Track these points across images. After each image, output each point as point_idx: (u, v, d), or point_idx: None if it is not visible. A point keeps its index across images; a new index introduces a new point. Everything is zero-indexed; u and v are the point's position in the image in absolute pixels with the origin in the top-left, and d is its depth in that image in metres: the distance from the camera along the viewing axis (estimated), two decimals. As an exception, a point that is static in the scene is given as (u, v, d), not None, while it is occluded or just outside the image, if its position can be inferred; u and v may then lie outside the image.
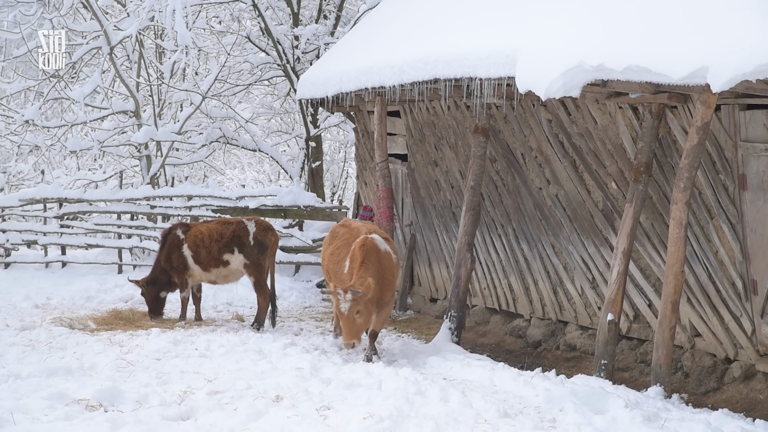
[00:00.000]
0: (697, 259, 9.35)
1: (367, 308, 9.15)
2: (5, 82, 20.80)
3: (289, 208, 16.77)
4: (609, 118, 10.04)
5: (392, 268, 9.67)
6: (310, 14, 20.80)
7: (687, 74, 7.51)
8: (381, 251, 9.59)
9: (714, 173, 8.99)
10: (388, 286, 9.57)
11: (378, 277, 9.35)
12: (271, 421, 6.61)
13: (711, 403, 8.88)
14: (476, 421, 6.77)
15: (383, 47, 12.71)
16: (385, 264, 9.56)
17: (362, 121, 15.31)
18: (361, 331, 9.22)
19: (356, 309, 9.03)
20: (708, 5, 7.92)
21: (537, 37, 9.39)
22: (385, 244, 9.78)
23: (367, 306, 9.15)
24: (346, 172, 27.87)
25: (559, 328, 11.35)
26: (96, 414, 6.72)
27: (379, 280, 9.35)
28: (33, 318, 11.99)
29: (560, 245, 11.12)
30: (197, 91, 18.88)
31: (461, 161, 12.66)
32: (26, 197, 17.72)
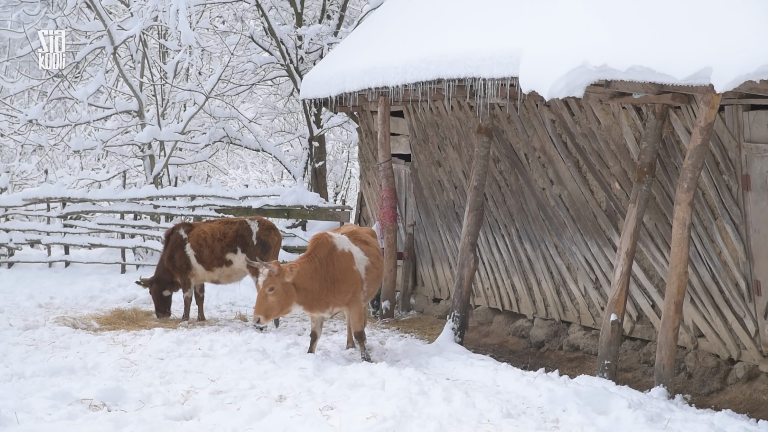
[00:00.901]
0: (700, 260, 9.34)
1: (285, 291, 8.92)
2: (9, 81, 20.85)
3: (292, 208, 16.79)
4: (612, 118, 10.04)
5: (347, 270, 9.40)
6: (313, 14, 20.83)
7: (690, 75, 7.50)
8: (337, 250, 9.38)
9: (717, 174, 8.98)
10: (339, 285, 9.32)
11: (323, 273, 9.19)
12: (274, 421, 6.61)
13: (714, 404, 8.87)
14: (479, 421, 6.77)
15: (386, 47, 12.71)
16: (338, 263, 9.33)
17: (365, 121, 15.31)
18: (272, 312, 8.97)
19: (269, 285, 8.88)
20: (712, 6, 7.91)
21: (540, 37, 9.38)
22: (351, 246, 9.57)
23: (286, 289, 8.93)
24: (349, 172, 27.88)
25: (562, 329, 11.34)
26: (99, 413, 6.72)
27: (324, 276, 9.21)
28: (36, 317, 12.01)
29: (563, 245, 11.12)
30: (200, 91, 18.91)
31: (464, 161, 12.65)
32: (30, 197, 17.76)
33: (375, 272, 9.86)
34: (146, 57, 19.74)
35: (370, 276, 9.73)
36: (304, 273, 9.08)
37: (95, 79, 18.50)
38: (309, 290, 9.14)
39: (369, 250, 9.84)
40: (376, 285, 10.05)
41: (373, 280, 9.83)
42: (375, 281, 9.92)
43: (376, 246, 10.13)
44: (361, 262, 9.63)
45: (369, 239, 10.11)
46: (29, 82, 20.23)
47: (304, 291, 9.11)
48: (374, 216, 14.89)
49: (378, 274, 9.98)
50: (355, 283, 9.51)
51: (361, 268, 9.61)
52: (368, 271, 9.70)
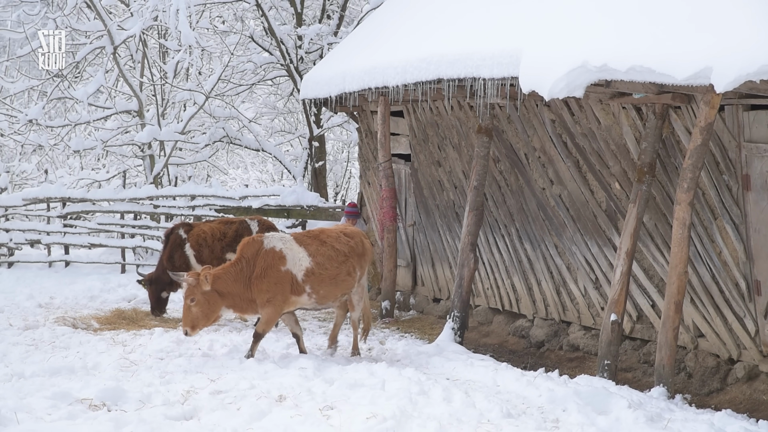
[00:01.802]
0: (700, 260, 9.34)
1: (207, 300, 8.77)
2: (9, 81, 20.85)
3: (292, 208, 16.79)
4: (612, 118, 10.04)
5: (270, 269, 9.01)
6: (313, 14, 20.83)
7: (691, 74, 7.50)
8: (263, 249, 9.06)
9: (717, 174, 8.98)
10: (258, 284, 8.99)
11: (248, 274, 8.95)
12: (274, 421, 6.61)
13: (714, 404, 8.87)
14: (479, 421, 6.77)
15: (387, 47, 12.72)
16: (262, 262, 9.01)
17: (365, 121, 15.31)
18: (199, 322, 8.81)
19: (190, 296, 8.76)
20: (712, 5, 7.92)
21: (540, 37, 9.39)
22: (290, 245, 9.19)
23: (208, 298, 8.77)
24: (349, 172, 27.89)
25: (562, 329, 11.34)
26: (99, 413, 6.72)
27: (249, 277, 8.95)
28: (36, 317, 12.00)
29: (563, 245, 11.12)
30: (200, 91, 18.91)
31: (464, 161, 12.65)
32: (30, 197, 17.75)
33: (325, 274, 9.27)
34: (146, 57, 19.74)
35: (314, 278, 9.20)
36: (225, 278, 8.88)
37: (95, 79, 18.50)
38: (234, 294, 8.93)
39: (321, 251, 9.32)
40: (333, 288, 9.40)
41: (322, 282, 9.26)
42: (326, 283, 9.31)
43: (340, 248, 9.50)
44: (298, 263, 9.16)
45: (334, 241, 9.54)
46: (29, 82, 20.23)
47: (229, 295, 8.91)
48: (374, 216, 14.89)
49: (332, 276, 9.33)
50: (277, 284, 9.04)
51: (296, 269, 9.14)
52: (311, 273, 9.18)
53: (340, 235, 9.66)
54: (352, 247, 9.65)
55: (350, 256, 9.56)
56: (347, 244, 9.60)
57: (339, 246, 9.52)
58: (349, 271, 9.52)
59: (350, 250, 9.60)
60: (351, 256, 9.57)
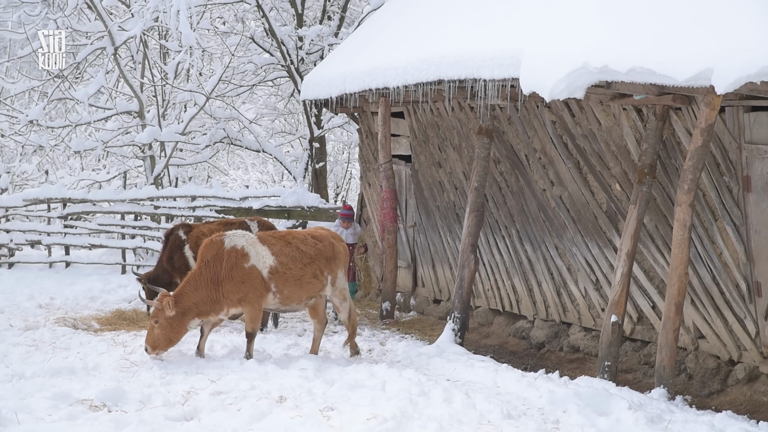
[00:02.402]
0: (701, 261, 9.34)
1: (170, 324, 8.76)
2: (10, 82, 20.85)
3: (292, 209, 16.79)
4: (613, 119, 10.04)
5: (235, 268, 8.93)
6: (314, 15, 20.83)
7: (691, 76, 7.51)
8: (224, 249, 8.99)
9: (718, 175, 8.98)
10: (225, 285, 8.92)
11: (209, 276, 8.90)
12: (274, 422, 6.62)
13: (715, 405, 8.87)
14: (480, 422, 6.77)
15: (387, 48, 12.72)
16: (225, 262, 8.94)
17: (366, 122, 15.32)
18: (159, 344, 8.80)
19: (155, 318, 8.75)
20: (713, 7, 7.92)
21: (541, 38, 9.39)
22: (253, 244, 9.10)
23: (171, 323, 8.75)
24: (350, 173, 27.88)
25: (563, 330, 11.34)
26: (100, 414, 6.72)
27: (211, 279, 8.89)
28: (37, 318, 12.01)
29: (564, 247, 11.12)
30: (201, 92, 18.91)
31: (465, 162, 12.66)
32: (30, 197, 17.76)
33: (289, 274, 9.18)
34: (147, 58, 19.75)
35: (278, 277, 9.12)
36: (186, 293, 8.86)
37: (96, 79, 18.50)
38: (199, 301, 8.90)
39: (285, 251, 9.21)
40: (297, 289, 9.28)
41: (286, 282, 9.17)
42: (290, 283, 9.21)
43: (305, 250, 9.34)
44: (262, 260, 9.07)
45: (300, 242, 9.39)
46: (30, 82, 20.23)
47: (194, 306, 8.88)
48: (375, 217, 14.90)
49: (297, 277, 9.22)
50: (245, 282, 8.99)
51: (261, 266, 9.07)
52: (275, 272, 9.10)
53: (307, 237, 9.53)
54: (320, 249, 9.48)
55: (317, 259, 9.40)
56: (314, 247, 9.45)
57: (304, 248, 9.38)
58: (315, 274, 9.36)
59: (317, 252, 9.43)
60: (318, 259, 9.41)
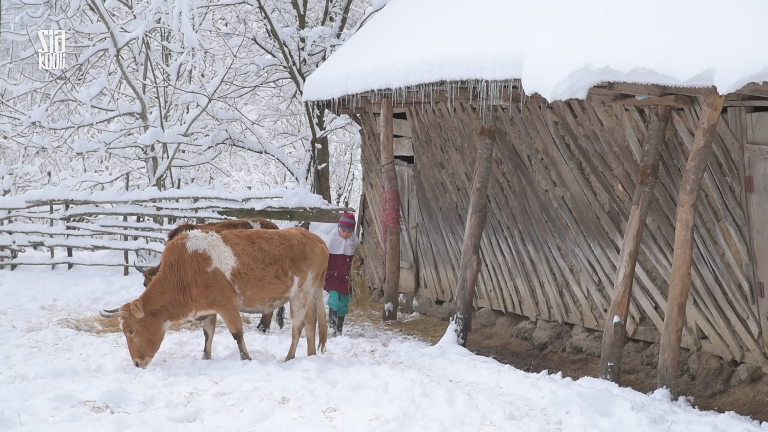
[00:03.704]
0: (703, 262, 9.33)
1: (145, 326, 8.63)
2: (12, 83, 20.87)
3: (295, 210, 16.79)
4: (615, 120, 10.03)
5: (199, 272, 8.84)
6: (316, 16, 20.83)
7: (693, 76, 7.50)
8: (186, 253, 8.87)
9: (720, 175, 8.98)
10: (192, 289, 8.82)
11: (174, 280, 8.80)
12: (277, 423, 6.61)
13: (717, 406, 8.86)
14: (482, 423, 6.76)
15: (389, 49, 12.72)
16: (188, 266, 8.83)
17: (368, 123, 15.32)
18: (146, 350, 8.68)
19: (128, 328, 8.62)
20: (715, 7, 7.92)
21: (543, 38, 9.39)
22: (215, 246, 8.95)
23: (145, 324, 8.63)
24: (352, 174, 27.90)
25: (565, 331, 11.34)
26: (102, 415, 6.72)
27: (177, 283, 8.79)
28: (39, 319, 12.00)
29: (566, 247, 11.11)
30: (203, 93, 18.92)
31: (467, 163, 12.66)
32: (33, 199, 17.75)
33: (250, 275, 9.06)
34: (149, 59, 19.76)
35: (240, 278, 9.00)
36: (153, 296, 8.74)
37: (98, 81, 18.52)
38: (167, 304, 8.81)
39: (247, 251, 9.08)
40: (259, 290, 9.16)
41: (248, 283, 9.05)
42: (252, 284, 9.08)
43: (269, 249, 9.18)
44: (224, 262, 8.96)
45: (264, 242, 9.23)
46: (32, 84, 20.25)
47: (163, 309, 8.78)
48: (377, 218, 14.90)
49: (258, 277, 9.10)
50: (212, 286, 8.91)
51: (224, 269, 8.96)
52: (237, 273, 8.99)
53: (273, 237, 9.35)
54: (286, 249, 9.29)
55: (281, 259, 9.22)
56: (279, 247, 9.28)
57: (268, 247, 9.22)
58: (278, 274, 9.19)
59: (282, 252, 9.25)
60: (282, 259, 9.23)
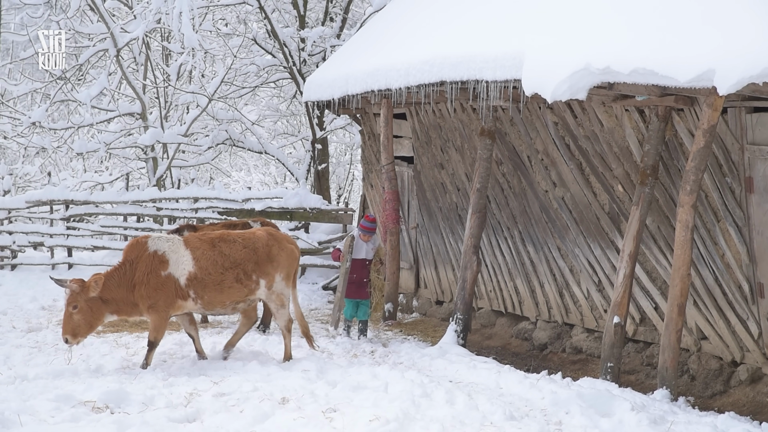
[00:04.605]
0: (703, 262, 9.33)
1: (90, 307, 8.62)
2: (12, 84, 20.86)
3: (295, 211, 16.79)
4: (615, 120, 10.03)
5: (151, 274, 8.78)
6: (316, 17, 20.83)
7: (693, 77, 7.50)
8: (146, 253, 8.84)
9: (720, 176, 8.98)
10: (139, 289, 8.78)
11: (131, 277, 8.76)
12: (277, 423, 6.61)
13: (717, 407, 8.86)
14: (482, 423, 6.77)
15: (389, 49, 12.72)
16: (143, 266, 8.80)
17: (368, 124, 15.32)
18: (80, 330, 8.64)
19: (73, 303, 8.59)
20: (715, 8, 7.92)
21: (543, 39, 9.39)
22: (175, 249, 8.91)
23: (91, 305, 8.62)
24: (352, 174, 27.89)
25: (565, 331, 11.34)
26: (102, 416, 6.73)
27: (132, 281, 8.77)
28: (39, 320, 12.02)
29: (566, 248, 11.11)
30: (204, 94, 18.92)
31: (467, 164, 12.66)
32: (33, 199, 17.75)
33: (208, 280, 8.96)
34: (149, 59, 19.76)
35: (197, 283, 8.93)
36: (109, 284, 8.72)
37: (98, 81, 18.51)
38: (118, 299, 8.77)
39: (206, 255, 9.01)
40: (218, 294, 9.04)
41: (206, 288, 8.96)
42: (210, 289, 8.98)
43: (230, 253, 9.09)
44: (181, 267, 8.92)
45: (226, 246, 9.14)
46: (32, 84, 20.25)
47: (113, 301, 8.75)
48: (378, 218, 14.90)
49: (217, 282, 8.99)
50: (158, 290, 8.83)
51: (179, 273, 8.90)
52: (193, 278, 8.91)
53: (236, 240, 9.25)
54: (249, 253, 9.19)
55: (242, 263, 9.13)
56: (242, 250, 9.17)
57: (229, 251, 9.12)
58: (239, 278, 9.10)
59: (245, 256, 9.15)
60: (244, 263, 9.13)
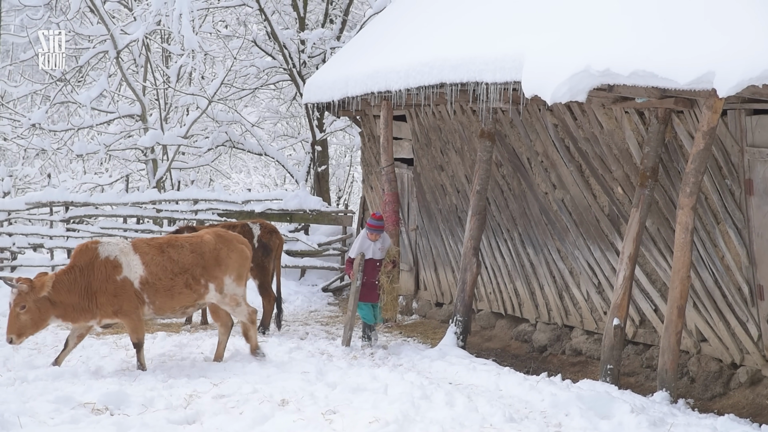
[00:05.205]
0: (703, 264, 9.33)
1: (38, 308, 8.50)
2: (12, 85, 20.85)
3: (294, 212, 16.79)
4: (615, 122, 10.04)
5: (108, 280, 8.72)
6: (316, 18, 20.83)
7: (693, 79, 7.51)
8: (99, 259, 8.75)
9: (720, 178, 8.98)
10: (99, 297, 8.70)
11: (83, 283, 8.66)
12: (276, 425, 6.61)
13: (717, 409, 8.86)
14: (482, 425, 6.77)
15: (389, 51, 12.73)
16: (98, 273, 8.72)
17: (368, 126, 15.32)
18: (26, 331, 8.53)
19: (20, 303, 8.46)
20: (715, 10, 7.92)
21: (543, 41, 9.39)
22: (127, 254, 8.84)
23: (40, 306, 8.49)
24: (352, 176, 27.87)
25: (565, 333, 11.34)
26: (102, 417, 6.73)
27: (85, 287, 8.66)
28: (39, 321, 11.99)
29: (566, 250, 11.11)
30: (203, 95, 18.91)
31: (467, 166, 12.66)
32: (33, 201, 17.73)
33: (159, 285, 8.92)
34: (149, 61, 19.76)
35: (149, 288, 8.88)
36: (59, 286, 8.59)
37: (98, 83, 18.50)
38: (68, 303, 8.65)
39: (156, 260, 8.94)
40: (168, 300, 9.02)
41: (157, 293, 8.92)
42: (161, 294, 8.95)
43: (178, 258, 9.03)
44: (134, 271, 8.84)
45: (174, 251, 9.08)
46: (32, 86, 20.25)
47: (62, 305, 8.63)
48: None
49: (167, 287, 8.95)
50: (117, 295, 8.77)
51: (133, 278, 8.84)
52: (145, 282, 8.86)
53: (183, 245, 9.19)
54: (197, 258, 9.14)
55: (191, 268, 9.08)
56: (189, 255, 9.13)
57: (177, 257, 9.07)
58: (188, 283, 9.05)
59: (193, 261, 9.10)
60: (192, 268, 9.08)
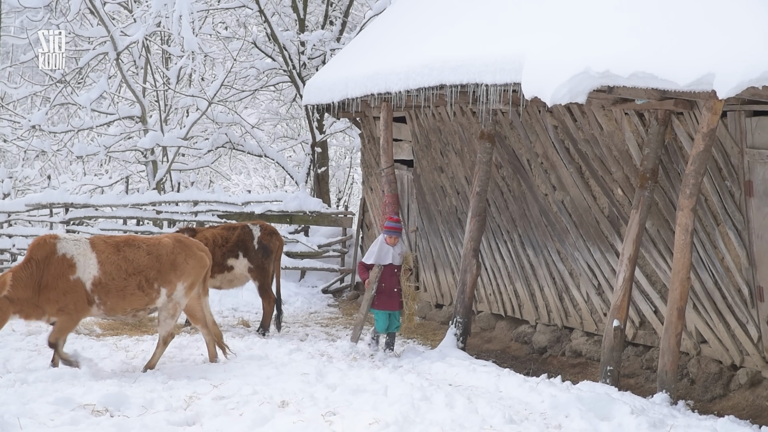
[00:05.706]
0: (703, 266, 9.33)
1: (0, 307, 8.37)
2: (12, 87, 20.87)
3: (294, 214, 16.79)
4: (615, 124, 10.04)
5: (60, 278, 8.55)
6: (316, 20, 20.84)
7: (693, 81, 7.51)
8: (55, 255, 8.57)
9: (720, 180, 8.98)
10: (47, 293, 8.54)
11: (38, 278, 8.50)
12: (276, 427, 6.62)
13: (717, 410, 8.86)
14: (482, 427, 6.77)
15: (389, 53, 12.73)
16: (52, 269, 8.55)
17: (368, 127, 15.32)
18: None
19: None
20: (714, 11, 7.93)
21: (543, 43, 9.40)
22: (83, 252, 8.68)
23: (2, 306, 8.35)
24: (352, 177, 27.87)
25: (565, 335, 11.34)
26: (102, 419, 6.73)
27: (39, 282, 8.50)
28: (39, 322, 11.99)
29: (566, 251, 11.11)
30: (203, 97, 18.91)
31: (467, 167, 12.66)
32: (32, 202, 17.73)
33: (111, 285, 8.74)
34: (149, 63, 19.76)
35: (101, 288, 8.71)
36: (17, 283, 8.44)
37: (98, 84, 18.51)
38: (23, 299, 8.50)
39: (111, 260, 8.76)
40: (120, 301, 8.82)
41: (108, 294, 8.74)
42: (113, 295, 8.76)
43: (133, 259, 8.85)
44: (88, 271, 8.69)
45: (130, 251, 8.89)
46: (32, 87, 20.26)
47: (18, 301, 8.49)
48: (377, 222, 14.90)
49: (120, 288, 8.76)
50: (67, 294, 8.61)
51: (86, 278, 8.67)
52: (98, 283, 8.69)
53: (140, 245, 9.00)
54: (152, 260, 8.95)
55: (145, 270, 8.89)
56: (145, 257, 8.94)
57: (133, 257, 8.89)
58: (141, 285, 8.86)
59: (148, 263, 8.92)
60: (147, 270, 8.89)
